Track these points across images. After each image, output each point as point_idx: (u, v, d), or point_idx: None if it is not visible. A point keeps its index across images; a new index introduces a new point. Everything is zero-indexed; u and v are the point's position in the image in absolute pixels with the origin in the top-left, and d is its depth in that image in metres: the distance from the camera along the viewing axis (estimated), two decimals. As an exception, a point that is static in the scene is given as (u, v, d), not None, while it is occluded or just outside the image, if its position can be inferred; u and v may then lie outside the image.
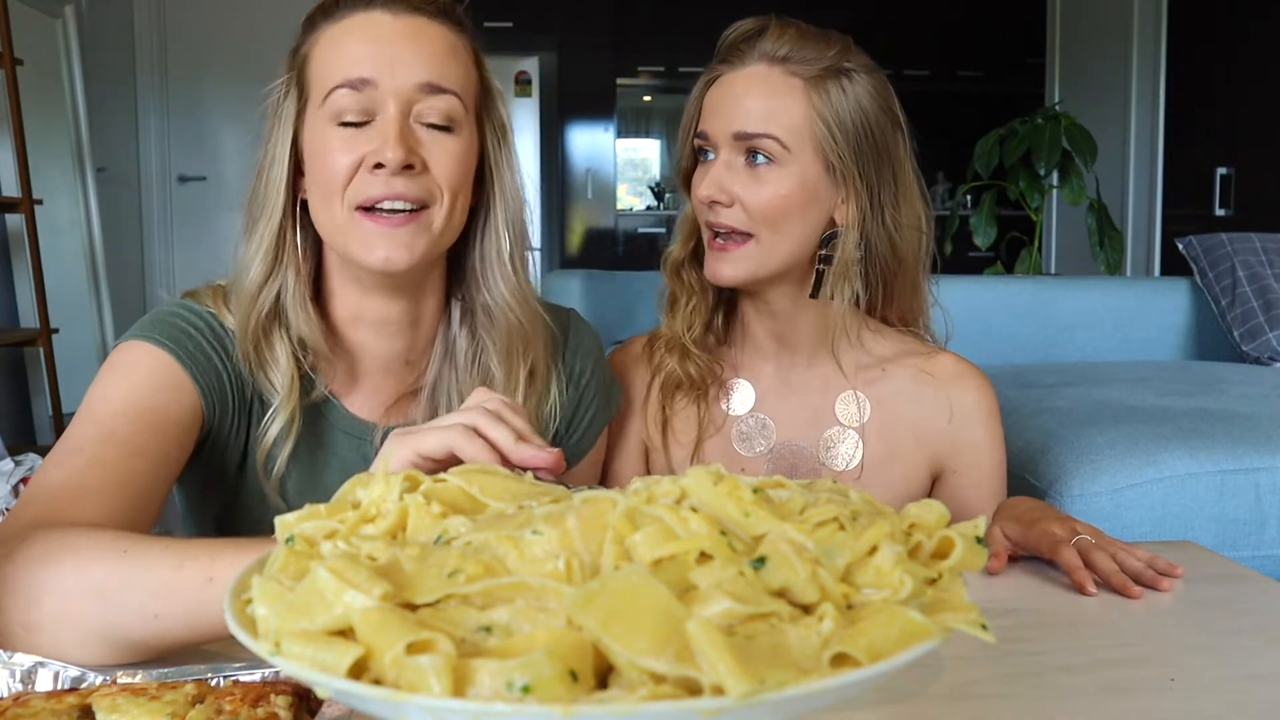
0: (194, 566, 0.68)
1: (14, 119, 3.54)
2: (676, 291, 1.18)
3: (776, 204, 1.07)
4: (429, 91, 0.90)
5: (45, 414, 3.81)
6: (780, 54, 1.08)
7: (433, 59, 0.91)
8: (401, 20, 0.92)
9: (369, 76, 0.89)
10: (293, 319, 0.94)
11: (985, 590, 0.90)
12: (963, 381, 1.15)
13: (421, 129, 0.91)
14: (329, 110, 0.90)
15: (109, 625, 0.68)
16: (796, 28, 1.09)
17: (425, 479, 0.49)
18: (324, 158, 0.91)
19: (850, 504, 0.46)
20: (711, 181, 1.08)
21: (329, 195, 0.91)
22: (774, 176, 1.07)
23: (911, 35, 6.26)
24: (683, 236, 1.18)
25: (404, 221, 0.90)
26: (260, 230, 0.93)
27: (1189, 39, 4.25)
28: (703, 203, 1.10)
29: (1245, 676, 0.72)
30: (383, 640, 0.37)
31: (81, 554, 0.70)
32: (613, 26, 6.18)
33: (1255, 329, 2.43)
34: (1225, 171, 4.01)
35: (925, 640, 0.38)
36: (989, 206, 3.30)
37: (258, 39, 5.01)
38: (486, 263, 0.99)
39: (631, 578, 0.37)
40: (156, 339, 0.91)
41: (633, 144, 6.75)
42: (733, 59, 1.10)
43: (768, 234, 1.08)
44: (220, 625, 0.66)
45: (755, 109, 1.07)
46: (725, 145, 1.08)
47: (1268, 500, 1.53)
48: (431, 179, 0.91)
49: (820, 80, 1.07)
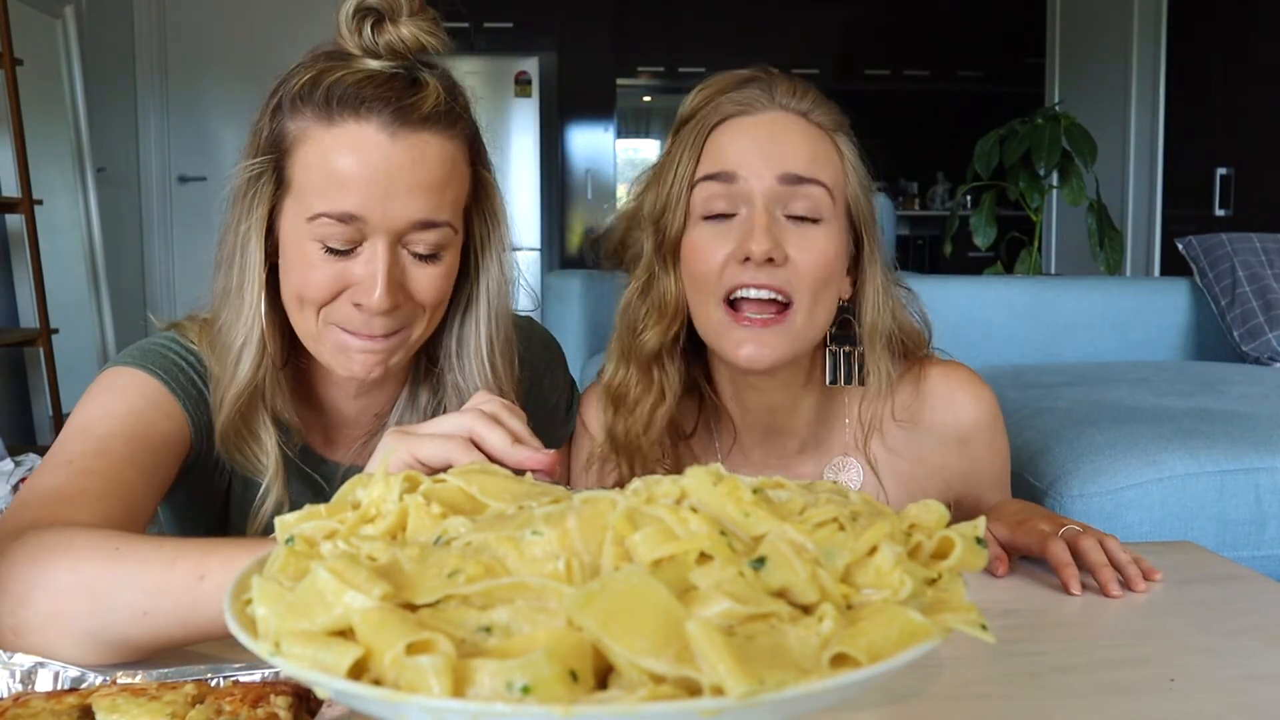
0: (185, 565, 0.67)
1: (14, 119, 3.54)
2: (641, 388, 0.98)
3: (824, 266, 0.92)
4: (421, 228, 0.85)
5: (45, 414, 3.81)
6: (802, 108, 0.97)
7: (428, 192, 0.85)
8: (399, 143, 0.84)
9: (358, 212, 0.83)
10: (269, 399, 0.92)
11: (985, 590, 0.90)
12: (956, 400, 1.05)
13: (408, 256, 0.87)
14: (312, 229, 0.85)
15: (100, 624, 0.68)
16: (801, 81, 0.99)
17: (425, 479, 0.49)
18: (302, 272, 0.86)
19: (850, 504, 0.46)
20: (764, 233, 0.90)
21: (303, 304, 0.88)
22: (821, 233, 0.93)
23: (911, 35, 6.27)
24: (662, 321, 0.97)
25: (381, 341, 0.88)
26: (245, 322, 0.89)
27: (1189, 39, 4.25)
28: (754, 260, 0.91)
29: (1245, 676, 0.72)
30: (383, 640, 0.37)
31: (74, 553, 0.69)
32: (613, 26, 6.18)
33: (1255, 329, 2.43)
34: (1225, 171, 4.01)
35: (925, 640, 0.38)
36: (989, 206, 3.30)
37: (258, 39, 5.02)
38: (464, 349, 0.96)
39: (631, 578, 0.37)
40: (148, 367, 0.90)
41: (633, 144, 6.75)
42: (743, 106, 0.96)
43: (809, 304, 0.93)
44: (212, 624, 0.67)
45: (799, 150, 0.94)
46: (763, 193, 0.92)
47: (1268, 500, 1.53)
48: (412, 305, 0.88)
49: (839, 132, 0.98)
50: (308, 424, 0.98)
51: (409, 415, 1.00)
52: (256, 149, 0.89)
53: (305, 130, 0.86)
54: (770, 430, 1.03)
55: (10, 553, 0.70)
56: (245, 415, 0.91)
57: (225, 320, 0.90)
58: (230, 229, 0.90)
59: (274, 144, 0.88)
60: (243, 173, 0.89)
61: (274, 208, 0.88)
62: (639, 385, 0.99)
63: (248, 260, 0.89)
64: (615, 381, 1.00)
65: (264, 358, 0.90)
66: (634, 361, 0.99)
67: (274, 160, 0.87)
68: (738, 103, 0.97)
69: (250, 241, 0.88)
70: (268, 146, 0.88)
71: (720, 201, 0.94)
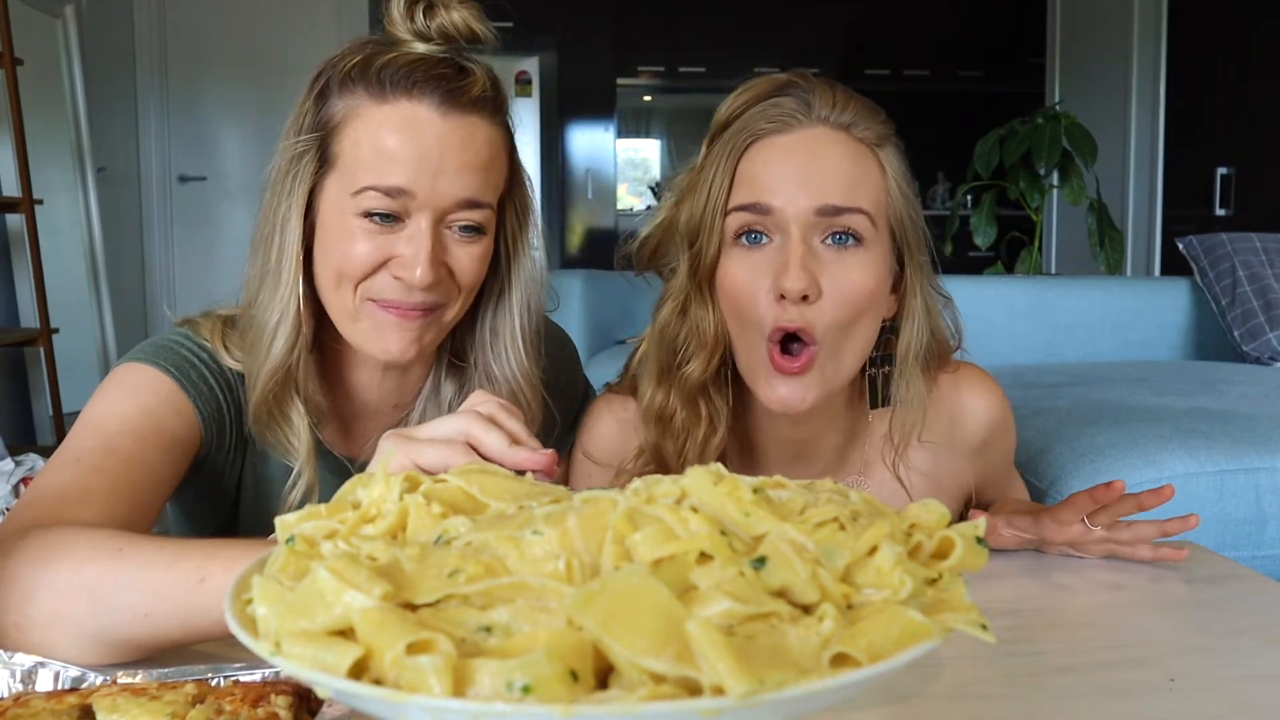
0: (186, 567, 0.67)
1: (14, 119, 3.54)
2: (690, 419, 0.95)
3: (862, 296, 0.88)
4: (466, 207, 0.88)
5: (45, 414, 3.81)
6: (843, 121, 0.91)
7: (475, 171, 0.88)
8: (449, 122, 0.86)
9: (408, 187, 0.85)
10: (302, 382, 0.92)
11: (985, 590, 0.90)
12: (969, 406, 1.02)
13: (449, 234, 0.89)
14: (357, 203, 0.86)
15: (101, 625, 0.68)
16: (843, 89, 0.93)
17: (425, 479, 0.49)
18: (344, 245, 0.88)
19: (850, 504, 0.46)
20: (800, 269, 0.86)
21: (342, 280, 0.89)
22: (861, 261, 0.89)
23: (911, 35, 6.27)
24: (703, 351, 0.93)
25: (418, 317, 0.89)
26: (282, 300, 0.90)
27: (1189, 39, 4.25)
28: (790, 298, 0.86)
29: (1245, 676, 0.72)
30: (383, 640, 0.37)
31: (77, 553, 0.69)
32: (613, 26, 6.18)
33: (1255, 329, 2.43)
34: (1225, 171, 4.01)
35: (925, 640, 0.38)
36: (989, 206, 3.30)
37: (258, 39, 5.02)
38: (497, 337, 0.98)
39: (631, 578, 0.37)
40: (160, 364, 0.90)
41: (633, 144, 6.75)
42: (778, 122, 0.91)
43: (836, 339, 0.89)
44: (214, 626, 0.67)
45: (838, 177, 0.88)
46: (799, 223, 0.88)
47: (1268, 500, 1.53)
48: (451, 283, 0.90)
49: (882, 146, 0.92)
50: (326, 416, 0.98)
51: (431, 408, 1.00)
52: (299, 129, 0.90)
53: (356, 108, 0.87)
54: (797, 457, 1.01)
55: (15, 551, 0.71)
56: (278, 396, 0.91)
57: (261, 300, 0.91)
58: (268, 209, 0.91)
59: (320, 124, 0.89)
60: (284, 153, 0.90)
61: (314, 188, 0.90)
62: (686, 414, 0.95)
63: (287, 238, 0.90)
64: (657, 404, 0.96)
65: (299, 336, 0.91)
66: (676, 390, 0.95)
67: (319, 139, 0.89)
68: (772, 118, 0.91)
69: (290, 220, 0.89)
70: (312, 126, 0.89)
71: (755, 227, 0.90)
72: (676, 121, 6.66)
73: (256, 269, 0.92)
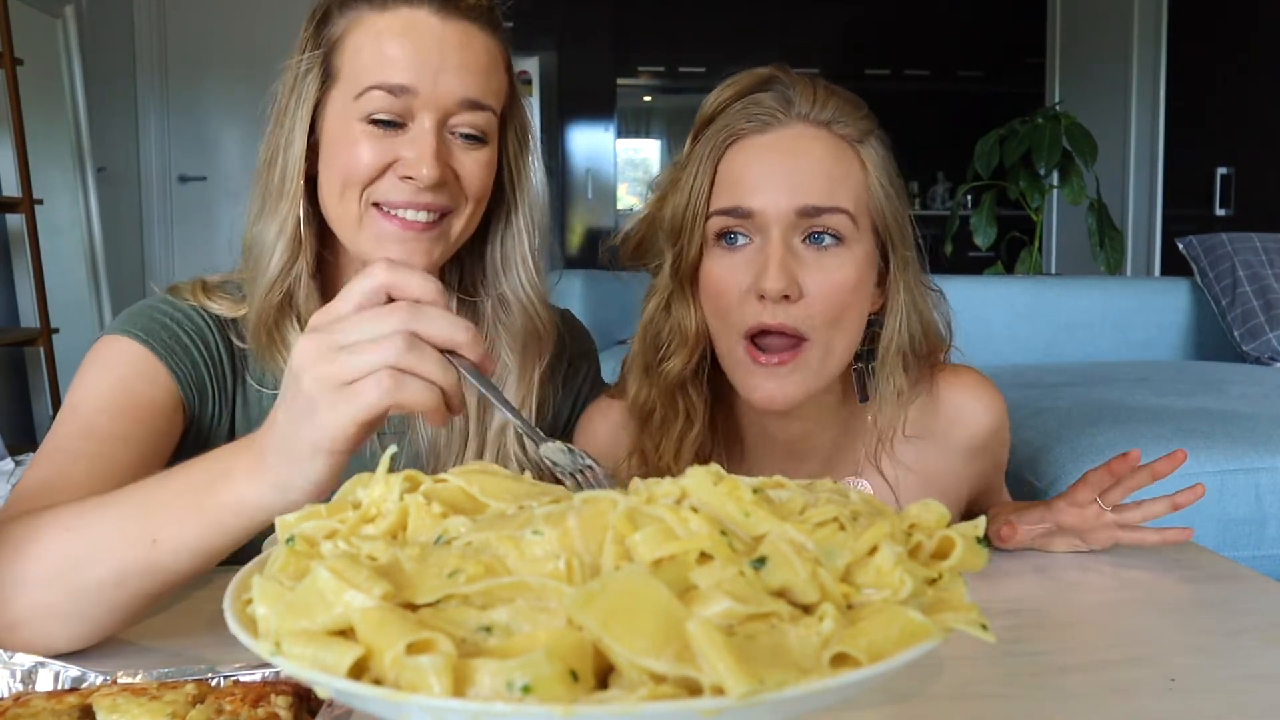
0: (135, 531, 0.67)
1: (14, 119, 3.54)
2: (668, 414, 0.96)
3: (845, 294, 0.89)
4: (469, 107, 0.89)
5: (45, 414, 3.81)
6: (823, 118, 0.91)
7: (477, 73, 0.90)
8: (449, 25, 0.89)
9: (410, 84, 0.87)
10: (303, 307, 0.93)
11: (985, 590, 0.90)
12: (966, 408, 1.02)
13: (453, 139, 0.90)
14: (361, 106, 0.88)
15: (79, 606, 0.68)
16: (823, 84, 0.93)
17: (425, 479, 0.50)
18: (349, 152, 0.89)
19: (850, 504, 0.46)
20: (780, 270, 0.87)
21: (347, 187, 0.89)
22: (840, 260, 0.89)
23: (911, 35, 6.27)
24: (684, 348, 0.94)
25: (424, 228, 0.89)
26: (281, 215, 0.91)
27: (1189, 39, 4.25)
28: (770, 298, 0.87)
29: (1245, 676, 0.72)
30: (383, 640, 0.37)
31: (36, 541, 0.69)
32: (613, 26, 6.18)
33: (1255, 329, 2.43)
34: (1225, 171, 4.01)
35: (925, 640, 0.38)
36: (989, 206, 3.30)
37: (258, 39, 5.01)
38: (509, 260, 0.99)
39: (632, 578, 0.37)
40: (131, 332, 0.91)
41: (633, 144, 6.75)
42: (757, 122, 0.91)
43: (825, 335, 0.90)
44: (180, 578, 0.67)
45: (818, 177, 0.89)
46: (779, 224, 0.88)
47: (1268, 500, 1.53)
48: (458, 188, 0.90)
49: (864, 142, 0.92)
50: None
51: None
52: (302, 50, 0.92)
53: (357, 19, 0.90)
54: (790, 455, 1.01)
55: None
56: (277, 319, 0.92)
57: (261, 221, 0.92)
58: (271, 134, 0.93)
59: (321, 42, 0.92)
60: (288, 72, 0.92)
61: (317, 106, 0.91)
62: (664, 410, 0.96)
63: (290, 156, 0.91)
64: (640, 399, 0.97)
65: (299, 254, 0.91)
66: (656, 385, 0.96)
67: (321, 56, 0.91)
68: (752, 116, 0.91)
69: (295, 140, 0.91)
70: (314, 45, 0.92)
71: (735, 229, 0.91)
72: (676, 121, 6.66)
73: (258, 193, 0.93)
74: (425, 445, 0.99)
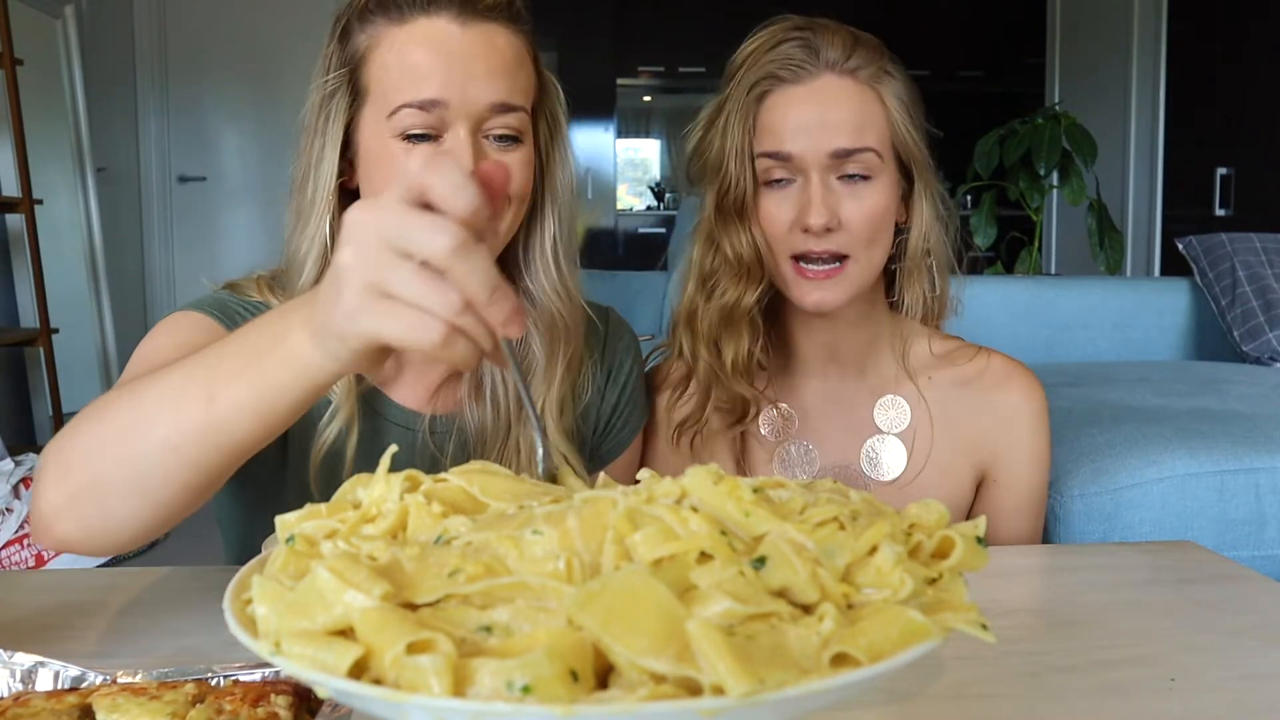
0: (194, 390, 0.66)
1: (14, 119, 3.54)
2: (737, 333, 1.08)
3: (876, 219, 1.03)
4: (500, 110, 0.89)
5: (45, 414, 3.81)
6: (849, 67, 1.03)
7: (503, 75, 0.90)
8: (471, 31, 0.89)
9: (439, 98, 0.87)
10: None
11: (985, 590, 0.90)
12: (1008, 383, 1.12)
13: (488, 142, 0.90)
14: (394, 124, 0.88)
15: (136, 476, 0.67)
16: (845, 30, 1.05)
17: (425, 479, 0.50)
18: (387, 170, 0.89)
19: (850, 504, 0.46)
20: (822, 207, 1.01)
21: None
22: (871, 191, 1.03)
23: (911, 35, 6.24)
24: (749, 278, 1.06)
25: None
26: (312, 230, 0.92)
27: (1189, 39, 4.25)
28: (813, 231, 1.01)
29: (1245, 676, 0.72)
30: (383, 640, 0.37)
31: (101, 410, 0.69)
32: (613, 26, 6.18)
33: (1255, 329, 2.42)
34: (1225, 171, 4.01)
35: (925, 640, 0.38)
36: (989, 206, 3.30)
37: (258, 39, 5.02)
38: (532, 253, 0.99)
39: (632, 578, 0.37)
40: (208, 310, 0.92)
41: (633, 144, 6.75)
42: (788, 71, 1.03)
43: (864, 252, 1.04)
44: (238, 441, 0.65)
45: (848, 123, 1.02)
46: (817, 166, 1.02)
47: (1268, 500, 1.53)
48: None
49: (881, 81, 1.05)
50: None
51: None
52: (327, 70, 0.92)
53: (377, 35, 0.90)
54: (831, 355, 1.13)
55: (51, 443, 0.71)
56: None
57: (295, 237, 0.93)
58: (303, 153, 0.93)
59: (346, 60, 0.91)
60: (315, 93, 0.92)
61: (351, 122, 0.92)
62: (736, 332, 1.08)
63: (321, 174, 0.91)
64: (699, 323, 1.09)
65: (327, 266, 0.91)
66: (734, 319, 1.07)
67: (348, 74, 0.91)
68: (783, 66, 1.03)
69: (325, 158, 0.91)
70: (339, 64, 0.91)
71: (779, 171, 1.03)
72: (676, 121, 6.65)
73: (293, 208, 0.94)
74: (473, 432, 0.99)
